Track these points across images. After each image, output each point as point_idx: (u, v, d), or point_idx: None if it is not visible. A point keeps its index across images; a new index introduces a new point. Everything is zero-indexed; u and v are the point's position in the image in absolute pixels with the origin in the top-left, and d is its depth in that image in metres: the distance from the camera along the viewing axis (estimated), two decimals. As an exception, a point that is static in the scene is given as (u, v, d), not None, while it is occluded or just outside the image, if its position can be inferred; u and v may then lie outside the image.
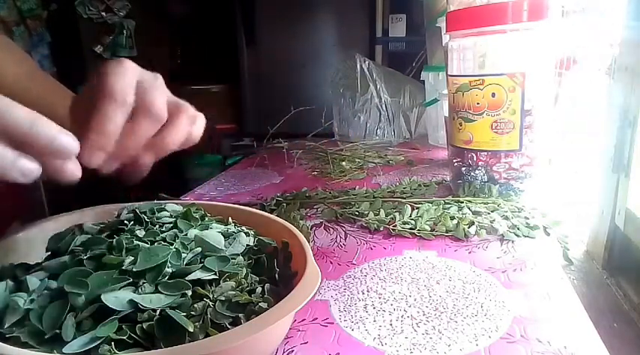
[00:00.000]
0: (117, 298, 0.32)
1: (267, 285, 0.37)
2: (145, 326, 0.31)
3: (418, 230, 0.61)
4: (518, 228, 0.61)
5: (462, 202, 0.68)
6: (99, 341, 0.29)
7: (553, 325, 0.41)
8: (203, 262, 0.37)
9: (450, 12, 0.73)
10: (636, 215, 0.58)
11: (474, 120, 0.70)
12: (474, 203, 0.68)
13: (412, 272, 0.51)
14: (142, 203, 0.44)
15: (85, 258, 0.35)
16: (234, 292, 0.35)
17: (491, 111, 0.69)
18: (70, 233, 0.40)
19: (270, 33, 2.45)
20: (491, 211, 0.65)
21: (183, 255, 0.37)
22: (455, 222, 0.62)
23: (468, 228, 0.60)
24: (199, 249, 0.38)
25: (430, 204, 0.67)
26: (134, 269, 0.34)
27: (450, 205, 0.68)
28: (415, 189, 0.78)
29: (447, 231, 0.60)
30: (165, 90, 0.37)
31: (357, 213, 0.67)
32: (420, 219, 0.63)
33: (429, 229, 0.61)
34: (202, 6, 2.81)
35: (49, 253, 0.39)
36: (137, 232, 0.39)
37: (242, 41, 2.51)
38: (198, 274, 0.35)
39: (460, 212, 0.65)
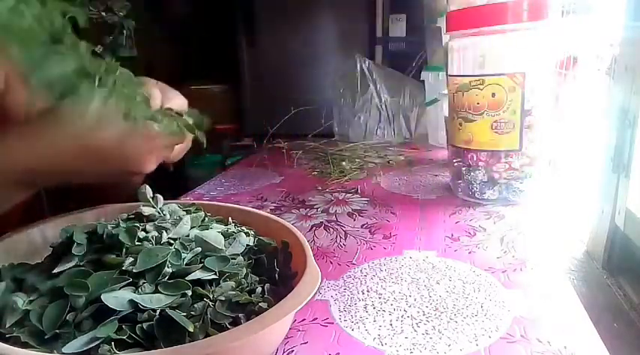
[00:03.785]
0: (117, 298, 0.32)
1: (267, 285, 0.37)
2: (145, 326, 0.31)
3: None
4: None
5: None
6: (99, 341, 0.29)
7: (553, 325, 0.41)
8: (203, 262, 0.37)
9: (450, 12, 0.73)
10: (636, 215, 0.58)
11: (474, 120, 0.70)
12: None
13: (412, 272, 0.51)
14: (141, 203, 0.44)
15: (85, 259, 0.35)
16: (234, 292, 0.35)
17: (491, 111, 0.69)
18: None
19: (270, 33, 2.45)
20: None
21: (183, 255, 0.37)
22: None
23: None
24: (199, 249, 0.38)
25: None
26: (134, 270, 0.34)
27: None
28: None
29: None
30: None
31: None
32: None
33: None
34: (202, 6, 2.81)
35: (50, 253, 0.39)
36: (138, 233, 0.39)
37: (242, 41, 2.51)
38: (198, 274, 0.35)
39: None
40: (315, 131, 1.27)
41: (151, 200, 0.44)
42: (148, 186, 0.45)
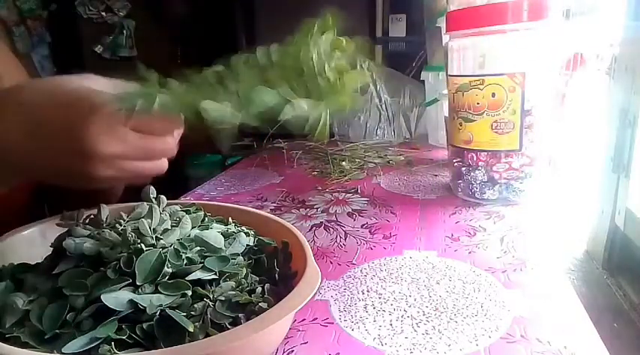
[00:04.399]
0: (117, 298, 0.32)
1: (267, 285, 0.37)
2: (145, 326, 0.31)
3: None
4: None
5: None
6: (99, 341, 0.29)
7: (553, 325, 0.41)
8: (203, 262, 0.37)
9: (450, 12, 0.73)
10: (636, 215, 0.58)
11: (474, 120, 0.70)
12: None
13: (412, 272, 0.51)
14: (141, 203, 0.44)
15: (85, 259, 0.35)
16: (234, 292, 0.35)
17: (492, 111, 0.69)
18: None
19: (270, 33, 2.45)
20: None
21: (183, 255, 0.37)
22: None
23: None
24: (199, 249, 0.38)
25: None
26: (134, 271, 0.34)
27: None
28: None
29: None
30: None
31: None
32: None
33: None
34: (202, 6, 2.81)
35: (50, 253, 0.39)
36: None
37: (242, 41, 2.51)
38: (198, 274, 0.35)
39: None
40: (315, 131, 1.27)
41: (153, 200, 0.44)
42: (152, 187, 0.45)
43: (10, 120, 0.36)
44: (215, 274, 0.36)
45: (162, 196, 0.45)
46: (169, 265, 0.35)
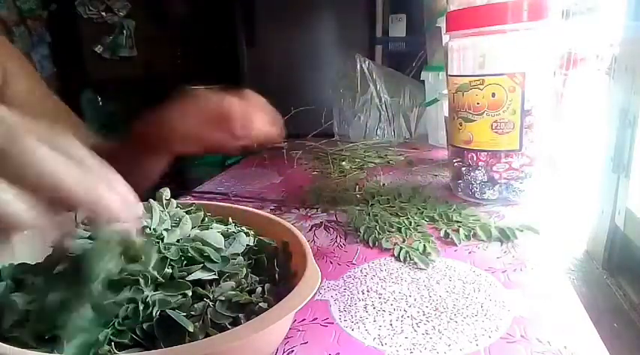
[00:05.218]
0: (117, 298, 0.32)
1: (267, 285, 0.37)
2: (145, 326, 0.31)
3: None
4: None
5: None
6: (99, 341, 0.29)
7: (553, 325, 0.41)
8: (203, 262, 0.37)
9: (450, 12, 0.73)
10: (636, 215, 0.58)
11: (474, 120, 0.70)
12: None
13: (412, 273, 0.51)
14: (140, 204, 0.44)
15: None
16: (234, 292, 0.35)
17: (492, 111, 0.69)
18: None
19: (270, 33, 2.45)
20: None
21: (183, 255, 0.37)
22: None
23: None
24: (199, 249, 0.38)
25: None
26: (133, 271, 0.34)
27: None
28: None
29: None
30: None
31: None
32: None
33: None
34: (202, 6, 2.81)
35: (50, 253, 0.39)
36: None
37: (242, 41, 2.52)
38: (198, 274, 0.35)
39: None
40: (315, 131, 1.27)
41: (162, 202, 0.44)
42: (167, 189, 0.45)
43: None
44: (215, 274, 0.36)
45: (173, 200, 0.45)
46: (169, 265, 0.35)
